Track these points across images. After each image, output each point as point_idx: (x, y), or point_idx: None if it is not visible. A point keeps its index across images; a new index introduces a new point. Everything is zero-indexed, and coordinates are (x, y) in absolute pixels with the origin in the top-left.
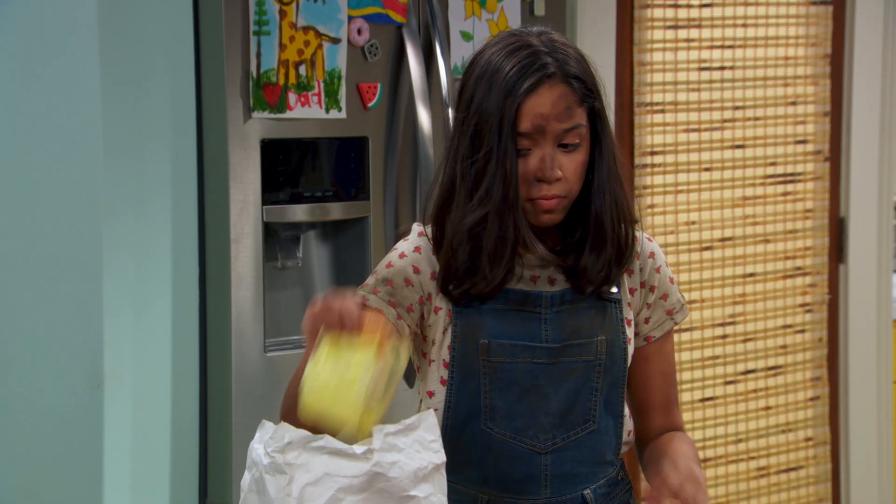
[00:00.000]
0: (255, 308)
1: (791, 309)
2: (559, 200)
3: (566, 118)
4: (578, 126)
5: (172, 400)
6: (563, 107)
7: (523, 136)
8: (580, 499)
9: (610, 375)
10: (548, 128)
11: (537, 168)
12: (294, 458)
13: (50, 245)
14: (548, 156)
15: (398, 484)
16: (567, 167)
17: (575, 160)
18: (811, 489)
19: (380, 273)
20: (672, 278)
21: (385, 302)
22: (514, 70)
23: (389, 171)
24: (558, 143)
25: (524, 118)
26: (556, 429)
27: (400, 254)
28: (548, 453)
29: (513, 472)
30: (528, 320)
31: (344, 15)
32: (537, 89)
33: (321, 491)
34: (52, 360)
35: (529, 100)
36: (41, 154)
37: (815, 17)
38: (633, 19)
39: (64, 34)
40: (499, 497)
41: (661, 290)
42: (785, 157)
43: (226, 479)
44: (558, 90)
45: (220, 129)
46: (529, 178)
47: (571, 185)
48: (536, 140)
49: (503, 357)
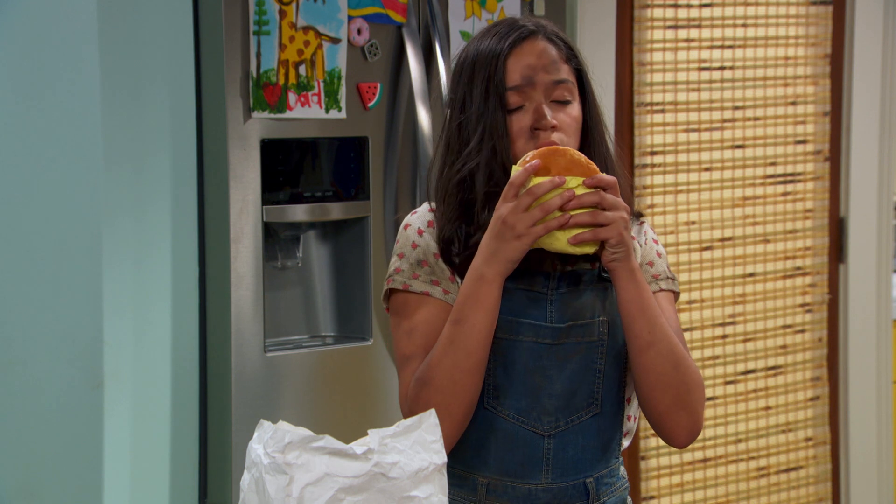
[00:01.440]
0: (255, 308)
1: (791, 309)
2: None
3: (553, 70)
4: (566, 81)
5: (172, 400)
6: (549, 59)
7: (513, 90)
8: (582, 486)
9: (612, 356)
10: (536, 78)
11: (533, 118)
12: (294, 458)
13: (50, 244)
14: (540, 105)
15: (399, 484)
16: (562, 119)
17: (569, 114)
18: (811, 489)
19: (409, 256)
20: (661, 253)
21: (428, 283)
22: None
23: (389, 171)
24: (550, 98)
25: (512, 72)
26: (560, 412)
27: (418, 230)
28: (550, 437)
29: (514, 456)
30: (534, 300)
31: (344, 15)
32: (521, 44)
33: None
34: (52, 360)
35: (514, 54)
36: (42, 151)
37: (815, 17)
38: (633, 19)
39: (64, 34)
40: (498, 481)
41: (647, 258)
42: (785, 157)
43: (225, 479)
44: (542, 44)
45: (220, 129)
46: (526, 132)
47: (569, 137)
48: (527, 93)
49: (509, 334)
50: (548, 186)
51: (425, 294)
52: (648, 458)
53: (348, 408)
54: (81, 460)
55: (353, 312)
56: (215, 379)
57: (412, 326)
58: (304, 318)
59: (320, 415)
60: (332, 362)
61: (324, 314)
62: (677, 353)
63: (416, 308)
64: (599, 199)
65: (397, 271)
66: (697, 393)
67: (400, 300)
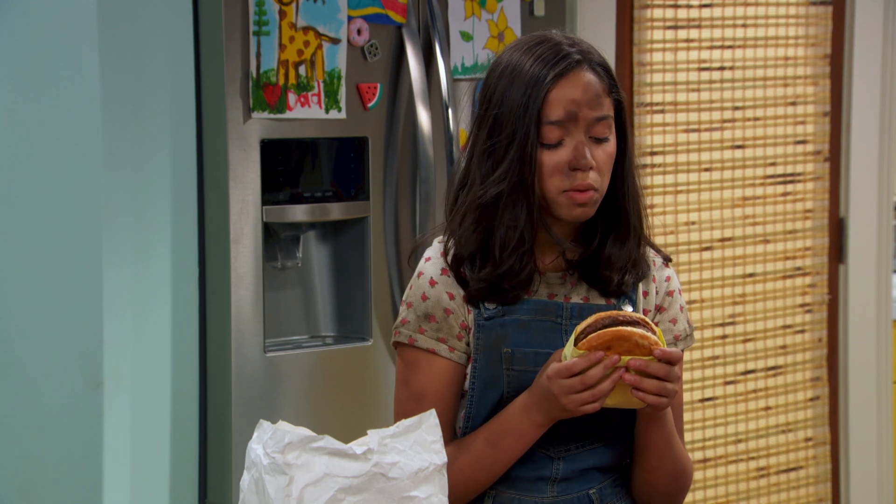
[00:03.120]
0: (255, 308)
1: (791, 309)
2: (592, 193)
3: (597, 106)
4: (607, 117)
5: (172, 400)
6: (594, 93)
7: (554, 124)
8: (586, 497)
9: None
10: (580, 115)
11: (571, 157)
12: (294, 458)
13: (50, 244)
14: (581, 143)
15: (398, 484)
16: (599, 158)
17: (606, 151)
18: (811, 489)
19: (418, 308)
20: (683, 307)
21: (434, 340)
22: (539, 60)
23: (389, 171)
24: (589, 134)
25: (555, 105)
26: (573, 439)
27: (430, 281)
28: (560, 459)
29: (524, 474)
30: (549, 330)
31: (344, 15)
32: (567, 75)
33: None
34: (52, 360)
35: (559, 87)
36: (42, 152)
37: (815, 18)
38: (632, 19)
39: (64, 35)
40: (505, 493)
41: (671, 314)
42: (785, 158)
43: (225, 479)
44: (587, 77)
45: (220, 130)
46: (563, 168)
47: (604, 176)
48: (568, 129)
49: (527, 365)
50: (600, 373)
51: (431, 351)
52: None
53: (348, 408)
54: (81, 460)
55: (353, 313)
56: (215, 379)
57: (420, 392)
58: (304, 318)
59: (320, 415)
60: (332, 362)
61: (324, 314)
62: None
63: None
64: (666, 375)
65: (403, 322)
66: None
67: (406, 354)
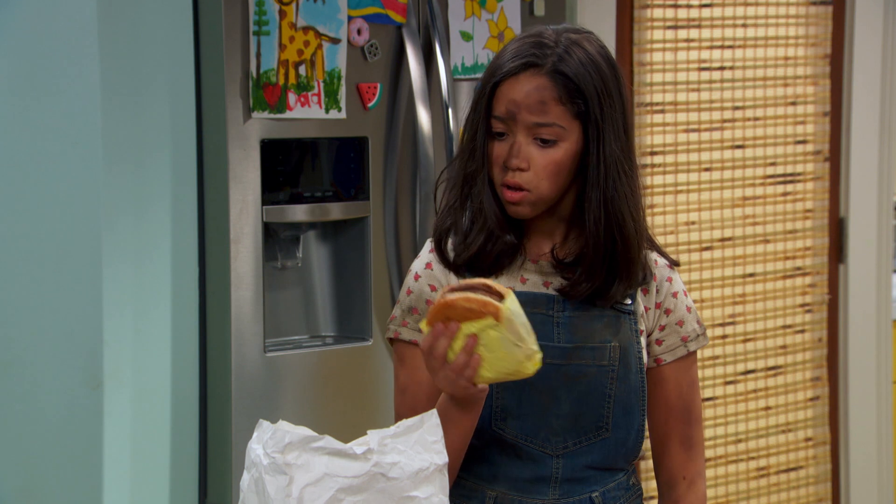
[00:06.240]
0: (255, 308)
1: (791, 309)
2: (524, 194)
3: (538, 111)
4: (552, 124)
5: (172, 400)
6: (537, 99)
7: (498, 119)
8: (588, 501)
9: (625, 384)
10: (518, 116)
11: (505, 153)
12: (294, 458)
13: (50, 244)
14: (516, 143)
15: (398, 484)
16: (537, 161)
17: (547, 156)
18: (811, 489)
19: (403, 303)
20: (691, 307)
21: (416, 331)
22: (510, 53)
23: (389, 171)
24: (533, 135)
25: (499, 101)
26: (568, 433)
27: (415, 276)
28: (559, 457)
29: (523, 473)
30: (540, 322)
31: (344, 15)
32: (517, 75)
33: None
34: (52, 360)
35: (505, 84)
36: (41, 152)
37: (815, 17)
38: (632, 19)
39: (64, 34)
40: (506, 495)
41: (677, 316)
42: (785, 157)
43: (225, 479)
44: (537, 81)
45: (220, 130)
46: (500, 162)
47: (540, 180)
48: (510, 126)
49: None
50: (445, 345)
51: (413, 343)
52: (648, 458)
53: (348, 408)
54: (81, 460)
55: (353, 313)
56: (215, 379)
57: (405, 385)
58: (303, 318)
59: (320, 415)
60: (332, 362)
61: (324, 314)
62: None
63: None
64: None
65: (391, 319)
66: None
67: (395, 349)
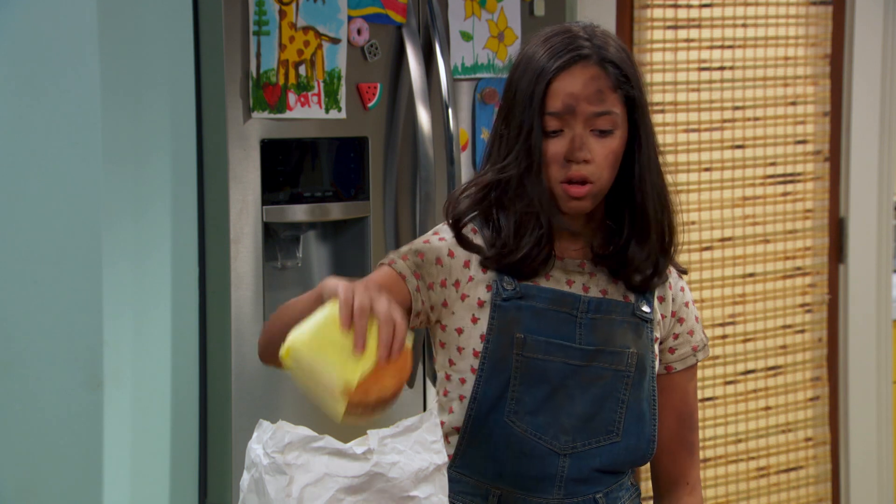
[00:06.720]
0: (255, 308)
1: (791, 309)
2: (589, 187)
3: (597, 101)
4: (610, 112)
5: (172, 400)
6: (595, 89)
7: (553, 115)
8: (592, 501)
9: (639, 391)
10: (578, 108)
11: (567, 149)
12: (294, 458)
13: (49, 244)
14: (577, 136)
15: (398, 484)
16: (598, 152)
17: (607, 146)
18: (811, 489)
19: (414, 244)
20: (698, 317)
21: (410, 271)
22: (548, 51)
23: (389, 171)
24: (591, 127)
25: (554, 97)
26: (578, 433)
27: (440, 237)
28: (566, 456)
29: (529, 470)
30: (563, 321)
31: (344, 15)
32: (569, 68)
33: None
34: (52, 360)
35: (560, 79)
36: (42, 151)
37: (815, 17)
38: (632, 19)
39: (64, 35)
40: (511, 493)
41: (689, 325)
42: (785, 157)
43: (225, 479)
44: (591, 71)
45: (220, 130)
46: (559, 160)
47: (602, 170)
48: (567, 121)
49: (537, 353)
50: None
51: (402, 277)
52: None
53: None
54: (81, 460)
55: None
56: (215, 379)
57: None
58: None
59: (320, 415)
60: None
61: None
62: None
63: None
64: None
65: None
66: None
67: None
